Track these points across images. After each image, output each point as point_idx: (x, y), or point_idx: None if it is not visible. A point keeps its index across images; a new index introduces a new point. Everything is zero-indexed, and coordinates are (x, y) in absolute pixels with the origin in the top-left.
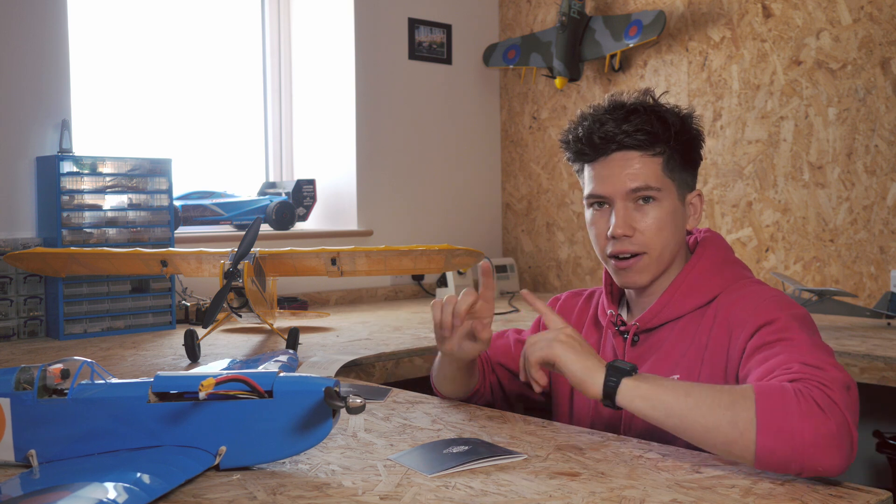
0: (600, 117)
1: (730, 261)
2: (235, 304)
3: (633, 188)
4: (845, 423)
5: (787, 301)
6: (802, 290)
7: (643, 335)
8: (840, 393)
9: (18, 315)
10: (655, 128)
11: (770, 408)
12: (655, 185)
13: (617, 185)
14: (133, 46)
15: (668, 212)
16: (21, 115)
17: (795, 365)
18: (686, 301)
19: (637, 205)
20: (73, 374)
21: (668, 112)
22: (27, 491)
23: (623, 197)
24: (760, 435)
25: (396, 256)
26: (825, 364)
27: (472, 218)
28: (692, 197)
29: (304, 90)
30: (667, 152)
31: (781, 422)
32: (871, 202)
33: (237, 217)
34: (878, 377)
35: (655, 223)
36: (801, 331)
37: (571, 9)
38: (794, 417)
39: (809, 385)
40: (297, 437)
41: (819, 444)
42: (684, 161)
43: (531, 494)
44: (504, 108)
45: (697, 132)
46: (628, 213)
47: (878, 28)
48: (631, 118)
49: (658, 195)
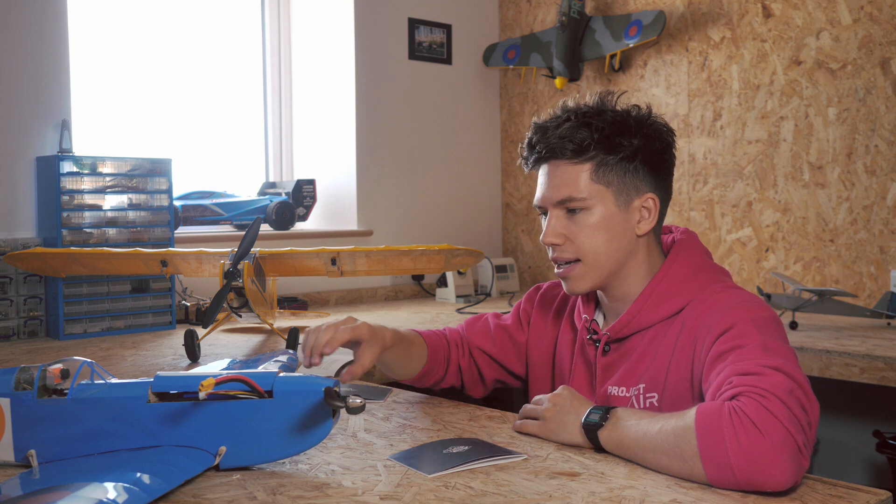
0: (542, 125)
1: (702, 268)
2: (235, 304)
3: (557, 200)
4: (786, 436)
5: (752, 304)
6: (802, 290)
7: (614, 344)
8: (777, 403)
9: (18, 315)
10: (581, 135)
11: (708, 441)
12: (579, 195)
13: (546, 194)
14: (133, 46)
15: (601, 219)
16: (21, 115)
17: (736, 378)
18: (655, 311)
19: (568, 214)
20: (72, 375)
21: (597, 117)
22: (27, 491)
23: (553, 206)
24: (706, 468)
25: (396, 256)
26: (766, 370)
27: (472, 218)
28: (642, 201)
29: (304, 90)
30: (597, 158)
31: (720, 453)
32: (871, 202)
33: (237, 217)
34: (878, 377)
35: (585, 231)
36: (756, 335)
37: (571, 9)
38: (731, 446)
39: (746, 401)
40: (297, 437)
41: (758, 466)
42: (629, 164)
43: (531, 494)
44: (504, 108)
45: (654, 131)
46: (559, 221)
47: (878, 28)
48: (561, 126)
49: (585, 204)
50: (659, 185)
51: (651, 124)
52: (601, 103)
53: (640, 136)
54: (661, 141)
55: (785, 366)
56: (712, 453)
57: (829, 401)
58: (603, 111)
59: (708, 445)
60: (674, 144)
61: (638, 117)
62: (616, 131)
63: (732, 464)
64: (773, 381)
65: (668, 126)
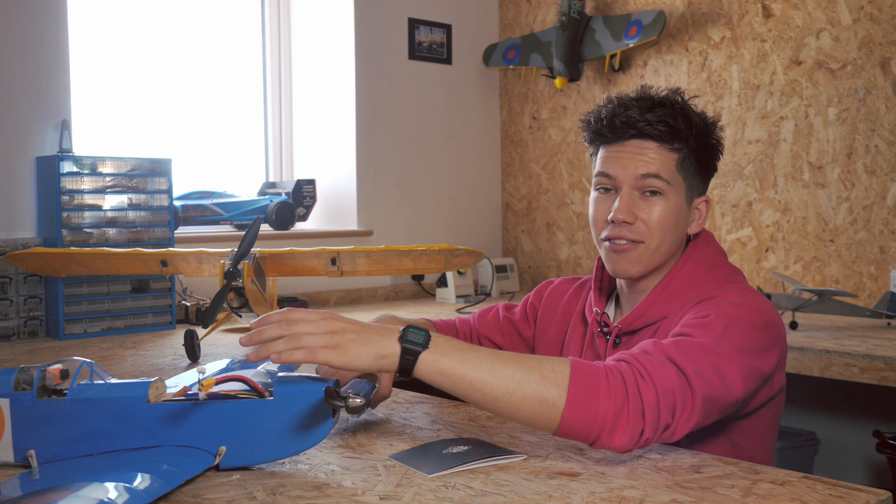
0: (626, 102)
1: (717, 266)
2: (235, 304)
3: (643, 173)
4: (638, 417)
5: (750, 306)
6: (802, 290)
7: (625, 337)
8: (652, 390)
9: (18, 315)
10: (678, 123)
11: (581, 384)
12: (666, 177)
13: (628, 167)
14: (133, 46)
15: (673, 209)
16: (21, 115)
17: (639, 351)
18: (668, 305)
19: (643, 195)
20: (72, 375)
21: (693, 112)
22: (27, 491)
23: (631, 183)
24: (567, 409)
25: (396, 256)
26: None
27: (472, 218)
28: (700, 202)
29: (304, 90)
30: (684, 150)
31: (588, 399)
32: (871, 202)
33: (237, 217)
34: (878, 377)
35: (658, 216)
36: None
37: (571, 9)
38: (601, 396)
39: (627, 368)
40: (297, 437)
41: (614, 424)
42: (699, 165)
43: (531, 494)
44: (504, 108)
45: (718, 141)
46: (633, 200)
47: (878, 28)
48: (656, 109)
49: (666, 189)
50: (706, 189)
51: (718, 134)
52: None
53: (713, 143)
54: (719, 150)
55: (693, 373)
56: (579, 400)
57: (829, 401)
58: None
59: (577, 391)
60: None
61: (715, 125)
62: (706, 132)
63: (598, 415)
64: (663, 373)
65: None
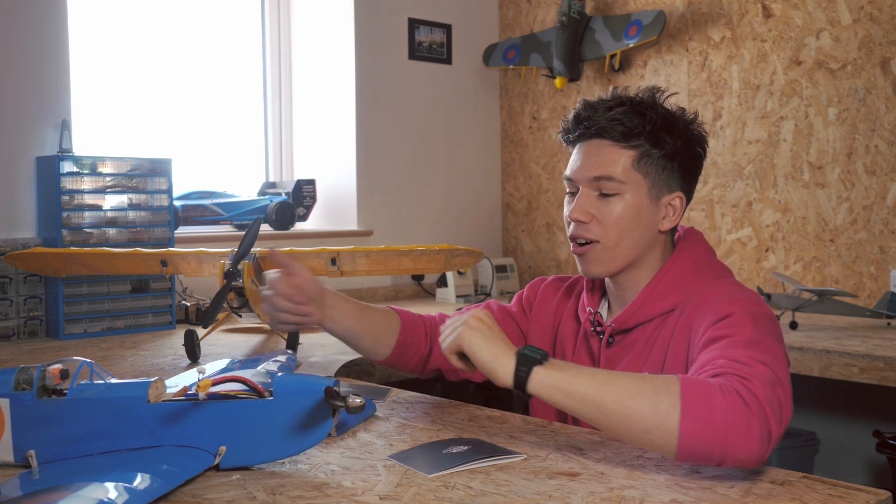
0: (593, 104)
1: (704, 264)
2: (235, 304)
3: (595, 175)
4: (765, 417)
5: (749, 300)
6: (802, 290)
7: (618, 336)
8: (762, 387)
9: (18, 315)
10: (632, 121)
11: (694, 396)
12: (619, 177)
13: (583, 169)
14: (133, 46)
15: (631, 207)
16: (21, 115)
17: (721, 360)
18: (658, 304)
19: (600, 195)
20: (72, 375)
21: (651, 109)
22: (27, 491)
23: (587, 183)
24: (684, 420)
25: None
26: (752, 360)
27: (472, 218)
28: (671, 199)
29: (304, 90)
30: (644, 147)
31: (705, 409)
32: (871, 202)
33: (237, 217)
34: (878, 377)
35: (614, 215)
36: (752, 328)
37: (571, 9)
38: (719, 406)
39: (730, 378)
40: (297, 436)
41: (741, 434)
42: (668, 161)
43: (530, 494)
44: (504, 108)
45: (694, 136)
46: (589, 200)
47: (878, 28)
48: (615, 108)
49: (621, 189)
50: (686, 187)
51: (694, 129)
52: (653, 98)
53: (683, 138)
54: (699, 146)
55: (771, 363)
56: (696, 409)
57: (829, 401)
58: (655, 105)
59: (692, 401)
60: (706, 152)
61: (684, 120)
62: (665, 127)
63: (718, 425)
64: (758, 371)
65: (706, 135)
